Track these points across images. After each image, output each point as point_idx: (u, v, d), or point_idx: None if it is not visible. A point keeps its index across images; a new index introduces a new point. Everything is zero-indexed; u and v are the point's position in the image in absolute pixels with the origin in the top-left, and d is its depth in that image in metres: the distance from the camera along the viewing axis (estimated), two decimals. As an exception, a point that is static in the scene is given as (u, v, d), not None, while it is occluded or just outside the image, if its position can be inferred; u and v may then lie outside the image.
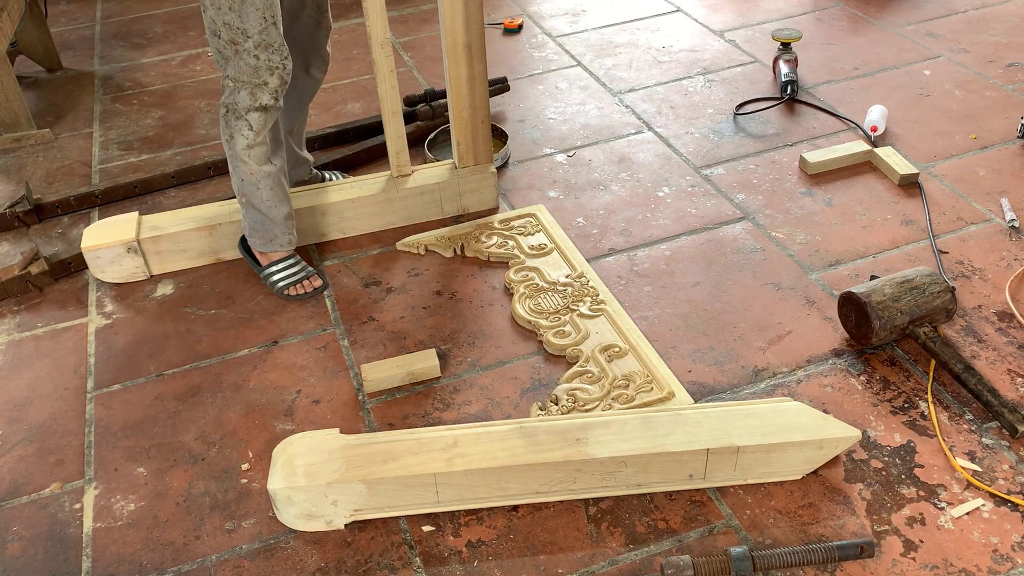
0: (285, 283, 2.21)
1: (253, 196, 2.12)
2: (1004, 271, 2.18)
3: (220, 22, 1.87)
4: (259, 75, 1.94)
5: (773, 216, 2.43)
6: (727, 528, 1.63)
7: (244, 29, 1.88)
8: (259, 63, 1.93)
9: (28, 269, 2.30)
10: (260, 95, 1.97)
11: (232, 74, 1.95)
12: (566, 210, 2.50)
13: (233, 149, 2.07)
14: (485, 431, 1.69)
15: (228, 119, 2.03)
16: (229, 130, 2.05)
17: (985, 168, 2.56)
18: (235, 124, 2.03)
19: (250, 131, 2.03)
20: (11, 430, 1.93)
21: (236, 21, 1.87)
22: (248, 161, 2.07)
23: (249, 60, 1.92)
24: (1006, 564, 1.54)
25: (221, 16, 1.87)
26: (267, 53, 1.92)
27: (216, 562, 1.63)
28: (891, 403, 1.86)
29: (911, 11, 3.48)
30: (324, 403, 1.94)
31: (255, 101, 1.98)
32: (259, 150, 2.06)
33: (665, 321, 2.10)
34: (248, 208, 2.16)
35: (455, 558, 1.61)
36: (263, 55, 1.92)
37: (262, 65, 1.93)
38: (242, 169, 2.09)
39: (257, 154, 2.07)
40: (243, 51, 1.90)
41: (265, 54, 1.92)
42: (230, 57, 1.92)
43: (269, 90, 1.97)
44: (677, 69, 3.20)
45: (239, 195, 2.15)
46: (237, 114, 2.01)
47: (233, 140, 2.05)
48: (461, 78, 2.26)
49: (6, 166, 2.88)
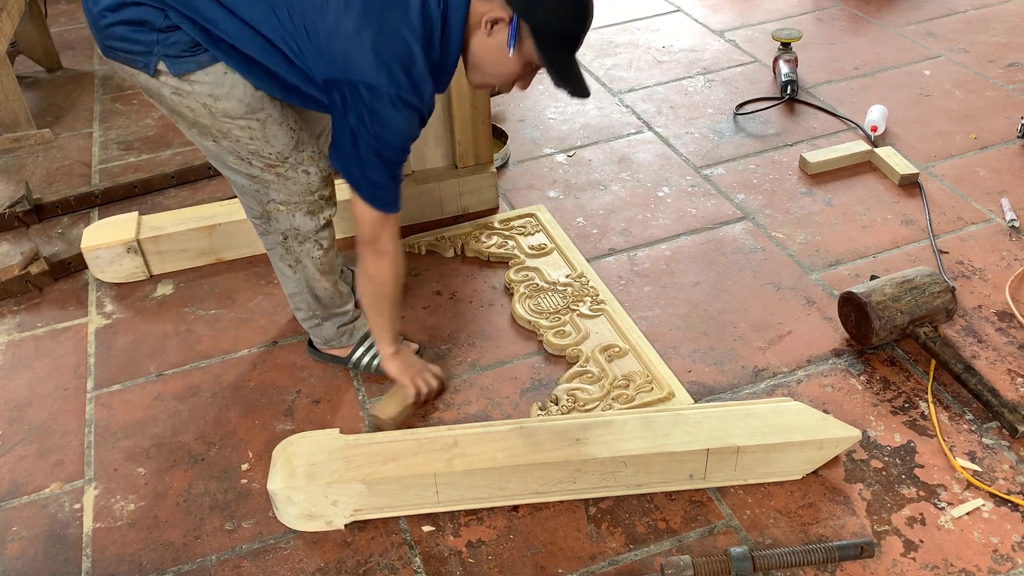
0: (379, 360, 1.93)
1: (333, 305, 1.91)
2: (1004, 271, 2.18)
3: (246, 152, 1.63)
4: (312, 187, 1.71)
5: (773, 216, 2.43)
6: (727, 528, 1.63)
7: (278, 152, 1.64)
8: (311, 177, 1.69)
9: (28, 269, 2.30)
10: (321, 208, 1.75)
11: (280, 199, 1.70)
12: (566, 210, 2.50)
13: (304, 274, 1.83)
14: (485, 431, 1.69)
15: (290, 246, 1.78)
16: (293, 257, 1.80)
17: (985, 168, 2.56)
18: (300, 249, 1.79)
19: (321, 250, 1.80)
20: (11, 430, 1.93)
21: (264, 148, 1.63)
22: (323, 278, 1.85)
23: (299, 177, 1.68)
24: (1006, 564, 1.54)
25: (243, 147, 1.62)
26: (312, 161, 1.69)
27: (216, 562, 1.63)
28: (891, 403, 1.86)
29: (911, 11, 3.48)
30: (324, 403, 1.94)
31: (317, 218, 1.75)
32: (333, 261, 1.85)
33: (665, 321, 2.10)
34: (328, 320, 1.93)
35: (455, 558, 1.60)
36: (312, 166, 1.69)
37: (315, 178, 1.70)
38: (319, 287, 1.86)
39: (333, 266, 1.86)
40: (286, 170, 1.66)
41: (312, 163, 1.69)
42: (271, 181, 1.68)
43: (327, 201, 1.76)
44: (677, 69, 3.20)
45: (310, 315, 1.91)
46: (301, 239, 1.77)
47: (301, 265, 1.81)
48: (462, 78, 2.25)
49: (6, 166, 2.88)
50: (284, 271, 1.85)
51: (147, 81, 1.56)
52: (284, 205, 1.72)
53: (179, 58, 1.50)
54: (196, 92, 1.54)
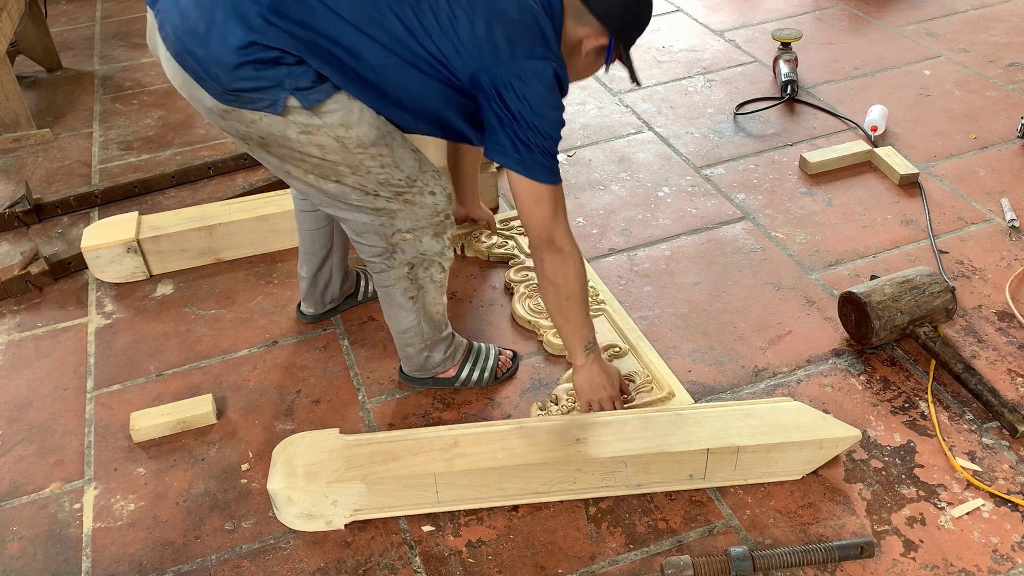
0: (490, 372, 1.93)
1: (440, 327, 1.84)
2: (1004, 271, 2.18)
3: (373, 184, 1.56)
4: (439, 208, 1.65)
5: (773, 216, 2.43)
6: (727, 528, 1.63)
7: (407, 176, 1.58)
8: (437, 197, 1.63)
9: (28, 269, 2.30)
10: (445, 228, 1.69)
11: (407, 226, 1.63)
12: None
13: (423, 302, 1.76)
14: (485, 431, 1.69)
15: (415, 275, 1.71)
16: (416, 286, 1.73)
17: (985, 168, 2.56)
18: (425, 276, 1.72)
19: (443, 272, 1.75)
20: (11, 430, 1.93)
21: (395, 174, 1.56)
22: (440, 300, 1.79)
23: (425, 200, 1.62)
24: (1006, 564, 1.54)
25: (373, 178, 1.55)
26: (436, 181, 1.63)
27: (216, 562, 1.63)
28: (891, 403, 1.86)
29: (911, 11, 3.48)
30: (324, 403, 1.94)
31: (442, 239, 1.70)
32: (445, 281, 1.79)
33: (665, 321, 2.10)
34: (435, 349, 1.86)
35: (455, 558, 1.60)
36: (436, 185, 1.63)
37: (440, 198, 1.64)
38: (435, 310, 1.79)
39: (445, 286, 1.79)
40: (414, 195, 1.60)
41: (436, 182, 1.63)
42: (398, 211, 1.61)
43: (449, 219, 1.69)
44: (677, 69, 3.20)
45: (422, 347, 1.84)
46: (427, 264, 1.70)
47: (423, 291, 1.74)
48: (461, 78, 2.25)
49: (6, 166, 2.88)
50: (403, 306, 1.76)
51: (271, 124, 1.45)
52: (411, 232, 1.65)
53: (309, 89, 1.42)
54: (327, 124, 1.46)
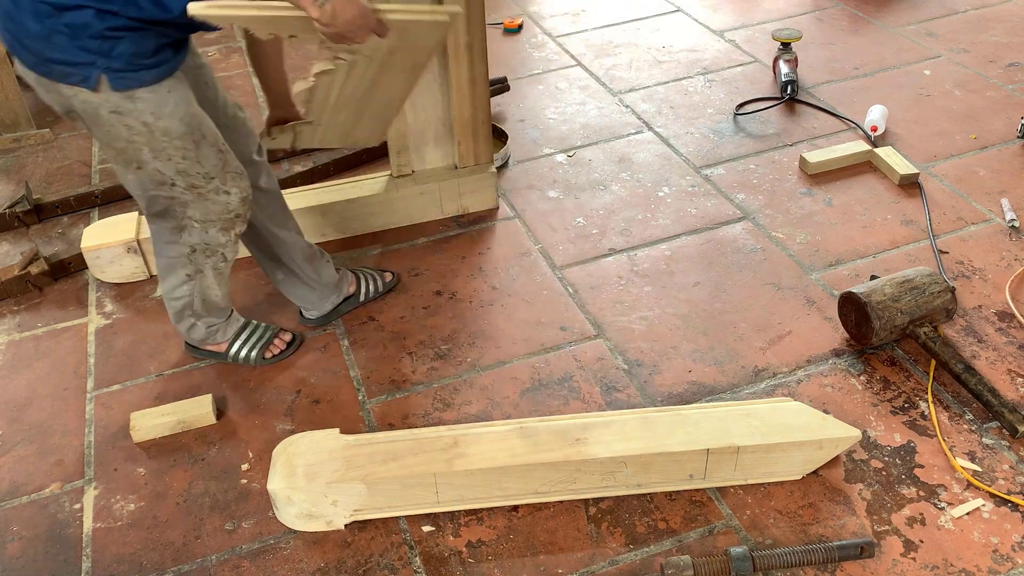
0: (257, 351, 2.03)
1: (213, 308, 1.94)
2: (1004, 271, 2.18)
3: (171, 172, 1.65)
4: (231, 207, 1.75)
5: (773, 216, 2.43)
6: (727, 528, 1.63)
7: (205, 172, 1.68)
8: (231, 197, 1.74)
9: (28, 269, 2.30)
10: (234, 225, 1.79)
11: (198, 216, 1.74)
12: (566, 210, 2.50)
13: (200, 284, 1.87)
14: (485, 431, 1.69)
15: (195, 258, 1.82)
16: (194, 267, 1.84)
17: (985, 168, 2.56)
18: (206, 262, 1.83)
19: (225, 262, 1.86)
20: (11, 430, 1.93)
21: (194, 168, 1.66)
22: (219, 287, 1.90)
23: (219, 198, 1.73)
24: (1006, 564, 1.54)
25: (172, 166, 1.64)
26: (235, 183, 1.74)
27: (216, 562, 1.63)
28: (891, 403, 1.86)
29: (911, 11, 3.48)
30: (324, 403, 1.94)
31: (230, 234, 1.80)
32: (226, 271, 1.89)
33: (665, 321, 2.10)
34: (202, 318, 1.96)
35: (455, 558, 1.60)
36: (234, 187, 1.74)
37: (234, 199, 1.75)
38: (210, 294, 1.90)
39: (226, 275, 1.90)
40: (208, 192, 1.71)
41: (235, 184, 1.74)
42: (190, 202, 1.72)
43: (242, 218, 1.79)
44: (677, 69, 3.20)
45: (188, 313, 1.93)
46: (210, 252, 1.82)
47: (201, 275, 1.85)
48: (462, 78, 2.25)
49: (6, 166, 2.88)
50: (177, 276, 1.86)
51: (86, 100, 1.52)
52: (200, 223, 1.75)
53: (121, 72, 1.48)
54: (138, 110, 1.54)
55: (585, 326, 2.10)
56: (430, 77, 2.25)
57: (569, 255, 2.34)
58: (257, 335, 2.05)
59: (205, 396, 1.92)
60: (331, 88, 1.88)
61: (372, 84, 1.90)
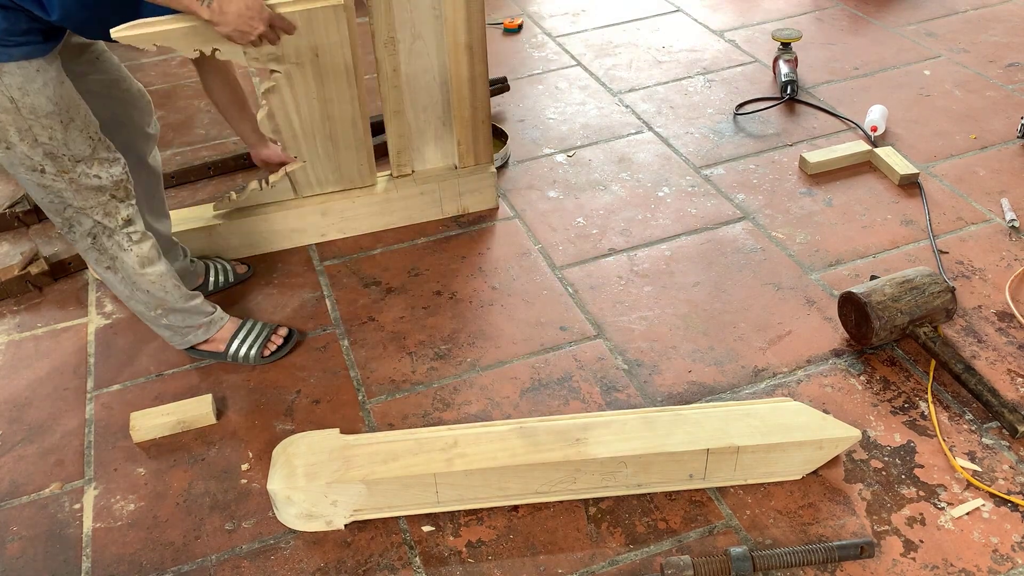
0: (256, 349, 2.04)
1: (168, 300, 1.93)
2: (1004, 271, 2.18)
3: (40, 156, 1.65)
4: (104, 190, 1.75)
5: (773, 216, 2.43)
6: (727, 528, 1.63)
7: (72, 155, 1.68)
8: (104, 180, 1.74)
9: (28, 269, 2.30)
10: (117, 208, 1.79)
11: (77, 204, 1.74)
12: (566, 210, 2.50)
13: (124, 272, 1.86)
14: (485, 431, 1.69)
15: (100, 246, 1.82)
16: (108, 257, 1.83)
17: (985, 168, 2.56)
18: (111, 243, 1.82)
19: (132, 243, 1.84)
20: (11, 430, 1.93)
21: (61, 150, 1.66)
22: (147, 271, 1.87)
23: (89, 182, 1.73)
24: (1006, 564, 1.54)
25: (40, 149, 1.64)
26: (104, 168, 1.74)
27: (216, 562, 1.63)
28: (891, 403, 1.86)
29: (911, 11, 3.48)
30: (324, 403, 1.94)
31: (116, 217, 1.79)
32: (150, 252, 1.87)
33: (665, 321, 2.10)
34: (170, 315, 1.96)
35: (455, 558, 1.61)
36: (104, 172, 1.74)
37: (105, 183, 1.74)
38: (144, 283, 1.88)
39: (151, 257, 1.87)
40: (79, 176, 1.71)
41: (104, 170, 1.74)
42: (63, 189, 1.71)
43: (123, 201, 1.79)
44: (677, 69, 3.20)
45: (152, 312, 1.94)
46: (109, 233, 1.81)
47: (120, 261, 1.84)
48: (462, 78, 2.26)
49: (6, 166, 2.88)
50: (106, 277, 1.88)
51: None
52: (80, 211, 1.76)
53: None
54: (5, 84, 1.55)
55: (585, 326, 2.11)
56: (430, 77, 2.26)
57: (569, 255, 2.34)
58: (255, 333, 2.05)
59: (205, 396, 1.92)
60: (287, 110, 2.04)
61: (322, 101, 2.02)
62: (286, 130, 2.11)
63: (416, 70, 2.24)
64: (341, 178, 2.31)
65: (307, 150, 2.18)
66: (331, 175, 2.30)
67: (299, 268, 2.34)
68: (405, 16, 2.13)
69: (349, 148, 2.22)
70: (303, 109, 2.08)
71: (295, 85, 2.01)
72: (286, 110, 2.06)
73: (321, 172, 2.28)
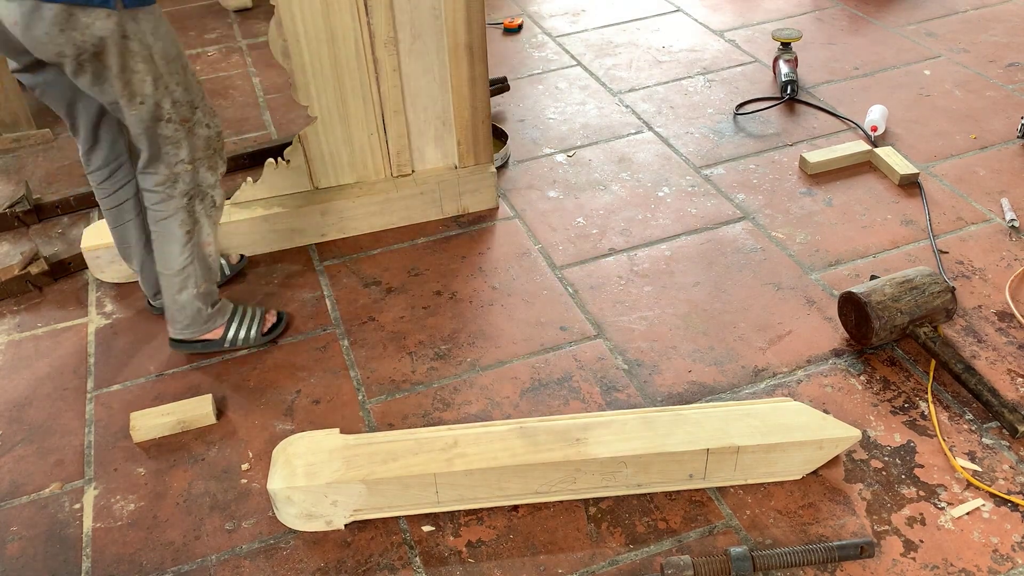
0: (255, 330, 2.06)
1: (214, 274, 1.95)
2: (1004, 271, 2.18)
3: (168, 105, 1.69)
4: (211, 143, 1.80)
5: (773, 216, 2.43)
6: (727, 528, 1.63)
7: (191, 100, 1.73)
8: (211, 131, 1.80)
9: (28, 269, 2.30)
10: (219, 163, 1.84)
11: (187, 156, 1.77)
12: (566, 210, 2.50)
13: (199, 237, 1.88)
14: (485, 431, 1.69)
15: (192, 207, 1.84)
16: (192, 219, 1.85)
17: (985, 168, 2.56)
18: (200, 208, 1.85)
19: (215, 207, 1.88)
20: (11, 430, 1.93)
21: (184, 95, 1.71)
22: (213, 241, 1.91)
23: (202, 132, 1.77)
24: (1006, 564, 1.54)
25: (169, 97, 1.69)
26: (210, 116, 1.80)
27: (216, 562, 1.63)
28: (891, 403, 1.86)
29: (911, 11, 3.48)
30: (324, 403, 1.94)
31: (216, 173, 1.85)
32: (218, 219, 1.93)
33: (665, 321, 2.10)
34: (207, 296, 1.97)
35: (455, 558, 1.61)
36: (212, 120, 1.80)
37: (213, 132, 1.80)
38: (210, 250, 1.91)
39: (217, 223, 1.92)
40: (195, 124, 1.76)
41: (211, 117, 1.80)
42: (182, 139, 1.75)
43: (220, 156, 1.84)
44: (677, 69, 3.20)
45: (195, 289, 1.93)
46: (202, 196, 1.84)
47: (199, 226, 1.87)
48: (462, 78, 2.26)
49: (6, 166, 2.88)
50: (179, 240, 1.86)
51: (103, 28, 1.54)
52: (190, 163, 1.79)
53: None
54: (142, 30, 1.60)
55: (585, 326, 2.11)
56: (430, 77, 2.25)
57: (569, 255, 2.34)
58: (249, 315, 2.08)
59: (205, 396, 1.92)
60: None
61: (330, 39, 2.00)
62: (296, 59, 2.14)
63: (416, 70, 2.24)
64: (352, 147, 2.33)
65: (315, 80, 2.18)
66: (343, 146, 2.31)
67: (299, 268, 2.34)
68: (405, 16, 2.13)
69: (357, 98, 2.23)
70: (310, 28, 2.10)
71: None
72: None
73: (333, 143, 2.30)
